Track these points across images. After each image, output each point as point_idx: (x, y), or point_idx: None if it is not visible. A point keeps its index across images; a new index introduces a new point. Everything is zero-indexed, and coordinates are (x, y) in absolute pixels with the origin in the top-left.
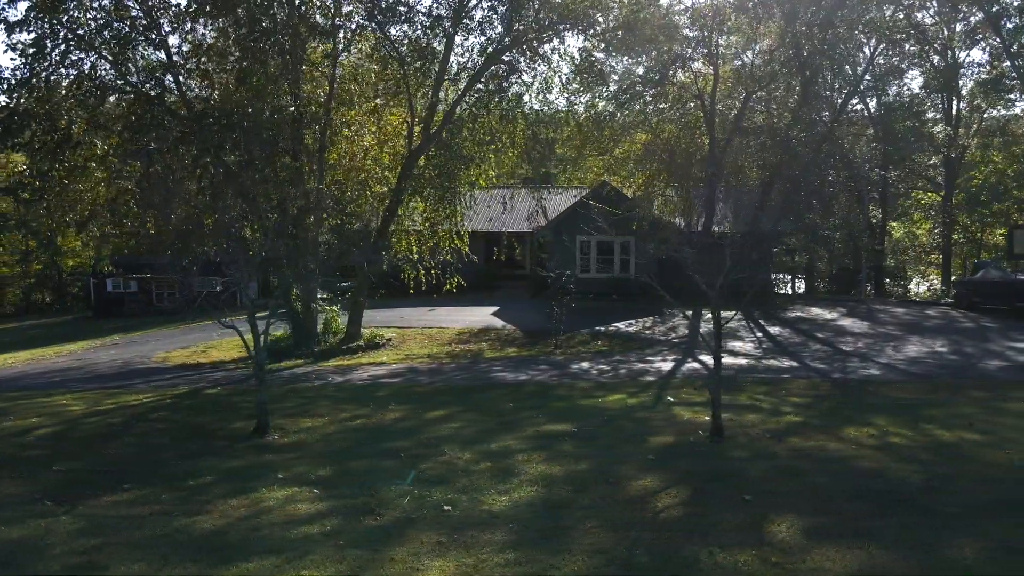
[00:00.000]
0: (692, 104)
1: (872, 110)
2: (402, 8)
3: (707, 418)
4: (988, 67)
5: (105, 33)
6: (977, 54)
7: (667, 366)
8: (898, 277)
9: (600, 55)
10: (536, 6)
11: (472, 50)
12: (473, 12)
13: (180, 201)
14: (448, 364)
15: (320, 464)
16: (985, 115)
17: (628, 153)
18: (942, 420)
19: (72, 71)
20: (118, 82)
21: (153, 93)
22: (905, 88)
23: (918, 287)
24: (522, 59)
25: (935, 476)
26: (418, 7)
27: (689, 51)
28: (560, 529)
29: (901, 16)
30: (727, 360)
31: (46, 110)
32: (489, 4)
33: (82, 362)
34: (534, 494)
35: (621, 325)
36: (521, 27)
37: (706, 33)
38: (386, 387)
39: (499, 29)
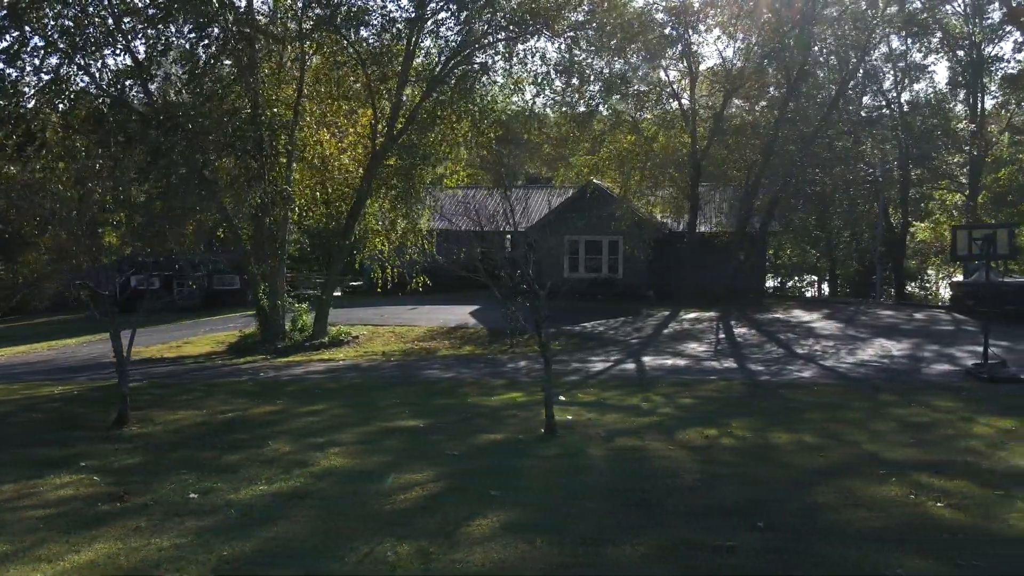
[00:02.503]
0: (674, 104)
1: (893, 108)
2: (363, 15)
3: (569, 418)
4: (1012, 62)
5: (76, 37)
6: (1006, 47)
7: (601, 367)
8: (921, 279)
9: (580, 55)
10: (482, 4)
11: (431, 52)
12: (437, 14)
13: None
14: (393, 361)
15: (139, 454)
16: (1016, 110)
17: (611, 152)
18: (807, 423)
19: (45, 75)
20: (91, 88)
21: (116, 95)
22: (928, 85)
23: (944, 290)
24: (497, 58)
25: (710, 478)
26: (380, 11)
27: (664, 49)
28: (272, 518)
29: (896, 9)
30: (669, 362)
31: (18, 113)
32: (444, 5)
33: (61, 356)
34: (295, 485)
35: (589, 325)
36: (484, 27)
37: (680, 31)
38: (303, 383)
39: (457, 31)
